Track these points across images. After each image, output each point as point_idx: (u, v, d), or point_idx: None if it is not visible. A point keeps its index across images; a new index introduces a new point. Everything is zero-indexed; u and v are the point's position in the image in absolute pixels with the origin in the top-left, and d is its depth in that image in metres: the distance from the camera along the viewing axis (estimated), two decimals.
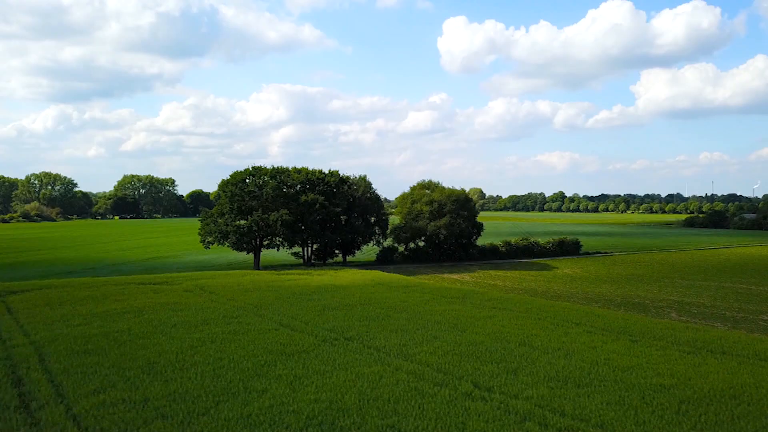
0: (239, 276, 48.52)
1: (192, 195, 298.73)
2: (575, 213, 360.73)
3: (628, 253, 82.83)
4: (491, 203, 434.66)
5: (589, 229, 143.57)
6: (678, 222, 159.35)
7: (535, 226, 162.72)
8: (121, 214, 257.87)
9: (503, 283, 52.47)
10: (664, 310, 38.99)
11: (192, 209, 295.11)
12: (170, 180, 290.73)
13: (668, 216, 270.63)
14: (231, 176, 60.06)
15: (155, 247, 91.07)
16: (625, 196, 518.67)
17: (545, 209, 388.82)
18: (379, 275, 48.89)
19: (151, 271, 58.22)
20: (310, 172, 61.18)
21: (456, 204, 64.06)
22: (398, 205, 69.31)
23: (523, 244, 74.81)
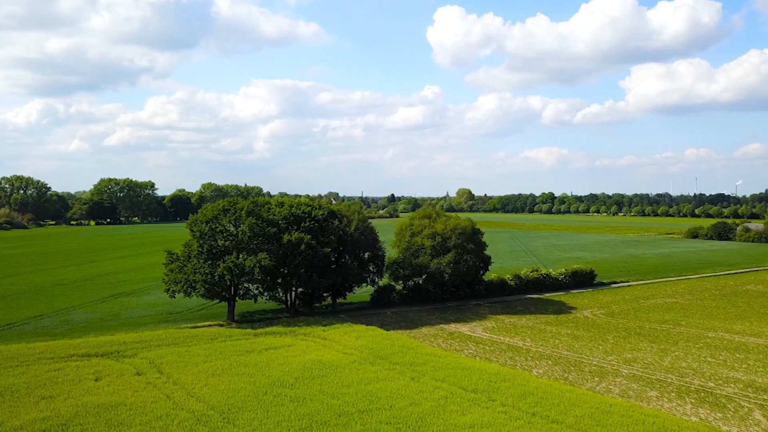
0: (207, 344, 39.75)
1: (173, 198, 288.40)
2: (566, 215, 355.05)
3: (647, 282, 75.26)
4: (480, 204, 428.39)
5: (589, 241, 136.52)
6: (681, 233, 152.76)
7: (532, 237, 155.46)
8: (97, 219, 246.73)
9: (523, 341, 44.29)
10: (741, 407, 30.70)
11: (173, 213, 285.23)
12: (149, 183, 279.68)
13: (662, 220, 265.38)
14: (201, 211, 51.22)
15: (123, 275, 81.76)
16: (615, 197, 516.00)
17: (535, 210, 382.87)
18: (377, 341, 40.39)
19: (107, 323, 49.39)
20: (294, 204, 52.52)
21: (462, 237, 55.76)
22: (396, 238, 60.60)
23: (534, 277, 66.87)
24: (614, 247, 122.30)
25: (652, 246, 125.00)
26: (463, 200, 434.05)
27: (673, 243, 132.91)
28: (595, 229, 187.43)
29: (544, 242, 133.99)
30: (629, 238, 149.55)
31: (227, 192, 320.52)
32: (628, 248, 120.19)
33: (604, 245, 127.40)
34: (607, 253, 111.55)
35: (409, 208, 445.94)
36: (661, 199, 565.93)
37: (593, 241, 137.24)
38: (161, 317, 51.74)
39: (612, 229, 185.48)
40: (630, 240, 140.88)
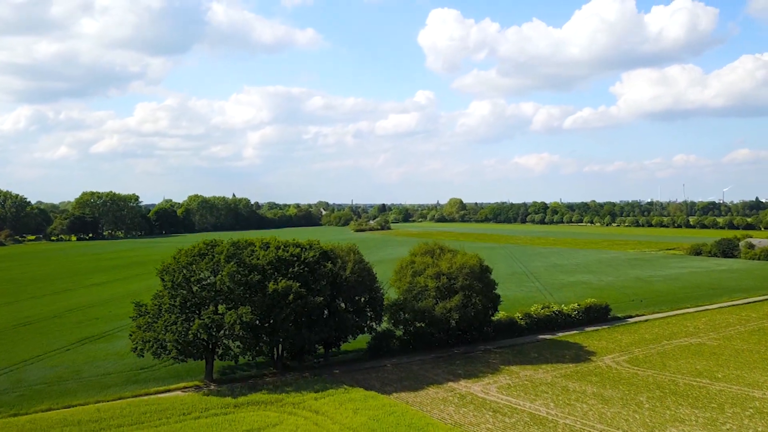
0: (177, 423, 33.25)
1: (158, 212, 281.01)
2: (559, 225, 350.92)
3: (664, 316, 69.78)
4: (472, 214, 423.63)
5: (591, 259, 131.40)
6: (683, 249, 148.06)
7: (530, 255, 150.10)
8: (79, 234, 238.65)
9: (546, 407, 38.37)
10: None
11: (158, 227, 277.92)
12: (133, 196, 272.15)
13: (658, 232, 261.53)
14: (175, 257, 44.81)
15: (96, 310, 74.99)
16: (607, 206, 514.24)
17: (527, 221, 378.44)
18: (379, 417, 34.12)
19: (66, 384, 42.73)
20: (282, 246, 46.26)
21: (470, 277, 49.90)
22: (395, 276, 54.40)
23: (545, 315, 61.13)
24: (618, 268, 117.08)
25: (656, 266, 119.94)
26: (454, 210, 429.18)
27: (677, 262, 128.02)
28: (594, 243, 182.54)
29: (544, 261, 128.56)
30: (630, 255, 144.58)
31: (214, 204, 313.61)
32: (632, 269, 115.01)
33: (606, 265, 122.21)
34: (611, 275, 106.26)
35: (400, 218, 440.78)
36: (651, 208, 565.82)
37: (595, 260, 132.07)
38: (129, 375, 45.24)
39: (610, 244, 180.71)
40: (632, 258, 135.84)
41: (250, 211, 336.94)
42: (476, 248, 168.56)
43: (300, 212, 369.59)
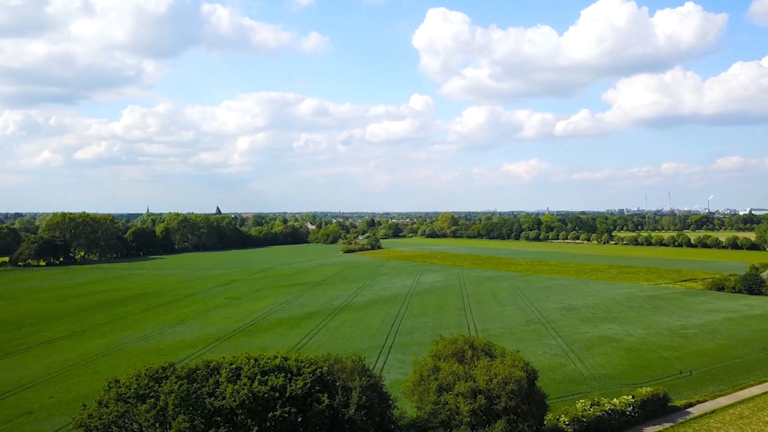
0: None
1: (135, 232, 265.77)
2: (554, 243, 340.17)
3: (732, 402, 57.36)
4: (464, 230, 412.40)
5: (606, 297, 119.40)
6: (703, 283, 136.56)
7: (538, 291, 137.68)
8: (49, 258, 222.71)
9: None
10: None
11: (135, 248, 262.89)
12: (109, 217, 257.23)
13: (663, 253, 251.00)
14: (101, 401, 31.16)
15: (31, 396, 60.76)
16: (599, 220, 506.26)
17: (521, 237, 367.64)
18: None
19: None
20: (258, 374, 32.66)
21: (516, 396, 36.92)
22: (413, 387, 41.01)
23: (596, 416, 48.33)
24: (641, 312, 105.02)
25: (683, 309, 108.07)
26: (446, 225, 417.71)
27: (702, 302, 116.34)
28: (600, 272, 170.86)
29: (557, 302, 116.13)
30: (646, 290, 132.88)
31: (195, 222, 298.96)
32: (657, 313, 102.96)
33: (626, 307, 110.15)
34: (638, 324, 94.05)
35: (390, 233, 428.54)
36: (644, 221, 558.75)
37: (610, 298, 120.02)
38: None
39: (618, 272, 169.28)
40: (650, 296, 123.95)
41: (234, 229, 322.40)
42: (477, 278, 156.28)
43: (286, 229, 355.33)
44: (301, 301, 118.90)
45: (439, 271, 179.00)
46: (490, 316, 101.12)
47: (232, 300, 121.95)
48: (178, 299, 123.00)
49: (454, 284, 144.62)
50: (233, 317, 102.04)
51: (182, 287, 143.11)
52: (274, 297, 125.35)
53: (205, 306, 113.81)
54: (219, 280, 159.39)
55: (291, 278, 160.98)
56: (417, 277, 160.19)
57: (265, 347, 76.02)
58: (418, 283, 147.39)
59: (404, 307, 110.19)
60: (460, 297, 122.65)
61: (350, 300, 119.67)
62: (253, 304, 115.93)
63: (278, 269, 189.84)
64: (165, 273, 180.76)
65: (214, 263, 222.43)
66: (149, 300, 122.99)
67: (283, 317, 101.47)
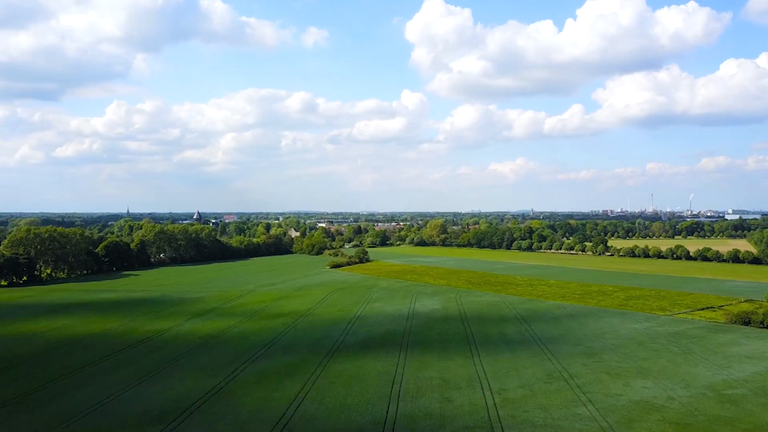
0: None
1: (107, 246, 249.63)
2: (548, 253, 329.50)
3: None
4: (453, 238, 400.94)
5: (624, 335, 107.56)
6: (725, 316, 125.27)
7: (547, 323, 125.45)
8: (11, 278, 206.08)
9: None
10: None
11: (108, 263, 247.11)
12: (78, 231, 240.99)
13: (665, 267, 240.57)
14: None
15: None
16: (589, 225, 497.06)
17: (513, 247, 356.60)
18: None
19: None
20: None
21: None
22: None
23: None
24: (669, 357, 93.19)
25: (713, 351, 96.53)
26: (435, 233, 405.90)
27: (732, 340, 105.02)
28: (609, 297, 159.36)
29: (573, 344, 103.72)
30: (665, 324, 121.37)
31: (172, 234, 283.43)
32: (690, 361, 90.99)
33: (651, 350, 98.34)
34: (673, 377, 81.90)
35: (377, 241, 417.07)
36: (634, 227, 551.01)
37: (630, 336, 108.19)
38: None
39: (626, 296, 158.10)
40: (673, 333, 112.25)
41: (214, 240, 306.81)
42: (477, 306, 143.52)
43: (269, 239, 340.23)
44: (284, 342, 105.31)
45: (434, 294, 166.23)
46: (503, 366, 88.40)
47: (206, 341, 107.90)
48: (141, 341, 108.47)
49: (454, 314, 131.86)
50: (206, 369, 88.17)
51: (150, 321, 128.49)
52: (255, 337, 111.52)
53: (170, 352, 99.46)
54: (193, 308, 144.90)
55: (273, 306, 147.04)
56: (412, 303, 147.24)
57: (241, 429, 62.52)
58: (414, 312, 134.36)
59: (403, 351, 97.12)
60: (463, 335, 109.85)
61: (342, 340, 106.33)
62: (231, 348, 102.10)
63: (259, 292, 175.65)
64: (134, 298, 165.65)
65: (191, 282, 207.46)
66: (104, 345, 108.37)
67: (264, 369, 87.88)
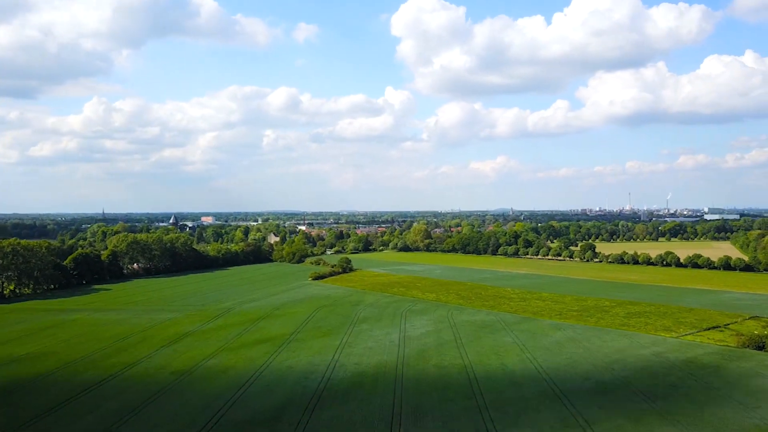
0: None
1: (76, 258, 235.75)
2: (535, 260, 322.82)
3: None
4: (438, 243, 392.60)
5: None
6: (736, 339, 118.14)
7: (542, 342, 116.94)
8: None
9: None
10: None
11: (77, 276, 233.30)
12: (44, 243, 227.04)
13: (656, 275, 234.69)
14: None
15: None
16: (573, 227, 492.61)
17: (499, 252, 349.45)
18: None
19: None
20: None
21: None
22: None
23: None
24: (690, 396, 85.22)
25: (736, 387, 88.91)
26: (419, 238, 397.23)
27: (753, 371, 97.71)
28: (609, 314, 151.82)
29: (583, 378, 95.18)
30: (674, 348, 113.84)
31: (146, 244, 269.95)
32: (714, 401, 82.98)
33: (668, 384, 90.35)
34: (699, 424, 73.69)
35: (360, 247, 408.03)
36: (617, 230, 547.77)
37: (641, 366, 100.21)
38: None
39: (626, 313, 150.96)
40: (686, 361, 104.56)
41: (190, 250, 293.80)
42: (472, 327, 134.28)
43: (247, 247, 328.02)
44: (265, 381, 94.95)
45: (424, 312, 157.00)
46: (514, 410, 79.18)
47: (178, 378, 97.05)
48: (103, 380, 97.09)
49: (448, 339, 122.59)
50: (174, 420, 77.52)
51: (117, 351, 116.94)
52: (233, 371, 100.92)
53: (135, 396, 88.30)
54: (167, 333, 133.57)
55: (253, 330, 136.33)
56: (402, 326, 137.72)
57: None
58: (405, 338, 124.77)
59: (398, 394, 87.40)
60: (463, 368, 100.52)
61: (328, 377, 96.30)
62: (206, 388, 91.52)
63: (238, 310, 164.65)
64: (102, 319, 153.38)
65: (166, 297, 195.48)
66: (58, 388, 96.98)
67: (242, 419, 77.57)
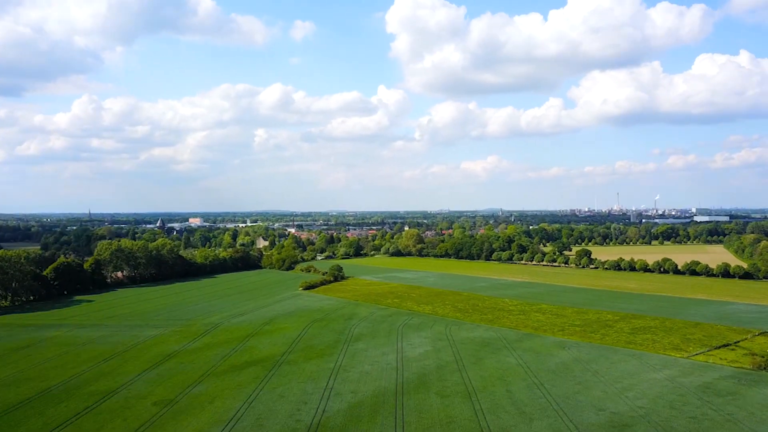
0: None
1: (57, 268, 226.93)
2: (529, 266, 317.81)
3: None
4: (430, 248, 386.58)
5: (659, 404, 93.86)
6: (750, 361, 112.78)
7: (547, 365, 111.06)
8: None
9: None
10: None
11: (57, 287, 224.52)
12: (23, 253, 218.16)
13: (654, 284, 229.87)
14: None
15: None
16: (565, 230, 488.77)
17: (492, 258, 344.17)
18: None
19: None
20: None
21: None
22: None
23: None
24: (713, 428, 79.53)
25: (760, 422, 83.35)
26: (411, 243, 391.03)
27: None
28: (611, 329, 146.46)
29: (595, 408, 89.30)
30: (687, 371, 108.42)
31: (131, 252, 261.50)
32: None
33: (688, 417, 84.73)
34: None
35: (351, 251, 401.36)
36: (609, 233, 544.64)
37: (656, 394, 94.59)
38: None
39: (631, 329, 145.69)
40: (702, 387, 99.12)
41: (176, 257, 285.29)
42: (472, 346, 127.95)
43: (236, 253, 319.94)
44: (255, 414, 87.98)
45: (421, 327, 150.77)
46: None
47: (162, 410, 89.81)
48: (77, 415, 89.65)
49: (449, 360, 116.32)
50: None
51: (96, 376, 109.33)
52: (220, 401, 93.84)
53: None
54: (150, 353, 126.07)
55: (241, 350, 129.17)
56: (399, 344, 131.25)
57: None
58: (403, 359, 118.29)
59: (399, 428, 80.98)
60: (467, 397, 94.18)
61: (323, 408, 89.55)
62: (191, 423, 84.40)
63: (226, 326, 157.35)
64: (82, 337, 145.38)
65: (151, 310, 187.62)
66: (27, 426, 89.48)
67: None
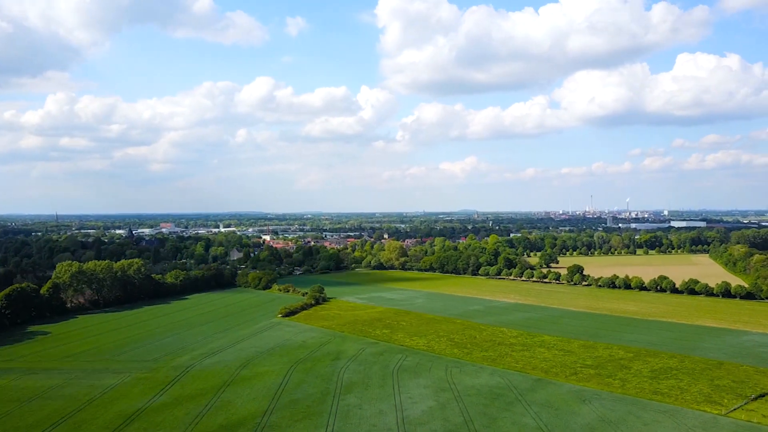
0: None
1: (9, 295, 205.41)
2: (520, 282, 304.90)
3: None
4: (414, 261, 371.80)
5: None
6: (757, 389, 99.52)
7: (571, 427, 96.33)
8: None
9: None
10: None
11: (9, 316, 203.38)
12: None
13: (654, 305, 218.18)
14: None
15: None
16: (548, 238, 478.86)
17: (479, 273, 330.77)
18: None
19: None
20: None
21: None
22: None
23: None
24: None
25: None
26: (394, 256, 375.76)
27: None
28: (628, 371, 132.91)
29: None
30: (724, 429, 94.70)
31: (93, 274, 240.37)
32: None
33: None
34: None
35: (331, 265, 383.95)
36: (593, 242, 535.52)
37: None
38: None
39: (650, 370, 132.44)
40: None
41: (145, 278, 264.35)
42: (480, 399, 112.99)
43: (208, 272, 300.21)
44: None
45: (418, 371, 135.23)
46: None
47: None
48: None
49: (458, 422, 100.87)
50: None
51: None
52: None
53: None
54: (108, 414, 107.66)
55: (216, 406, 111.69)
56: (397, 398, 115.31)
57: None
58: (405, 421, 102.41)
59: None
60: None
61: None
62: None
63: (198, 369, 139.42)
64: (30, 389, 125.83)
65: (113, 343, 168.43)
66: None
67: None
